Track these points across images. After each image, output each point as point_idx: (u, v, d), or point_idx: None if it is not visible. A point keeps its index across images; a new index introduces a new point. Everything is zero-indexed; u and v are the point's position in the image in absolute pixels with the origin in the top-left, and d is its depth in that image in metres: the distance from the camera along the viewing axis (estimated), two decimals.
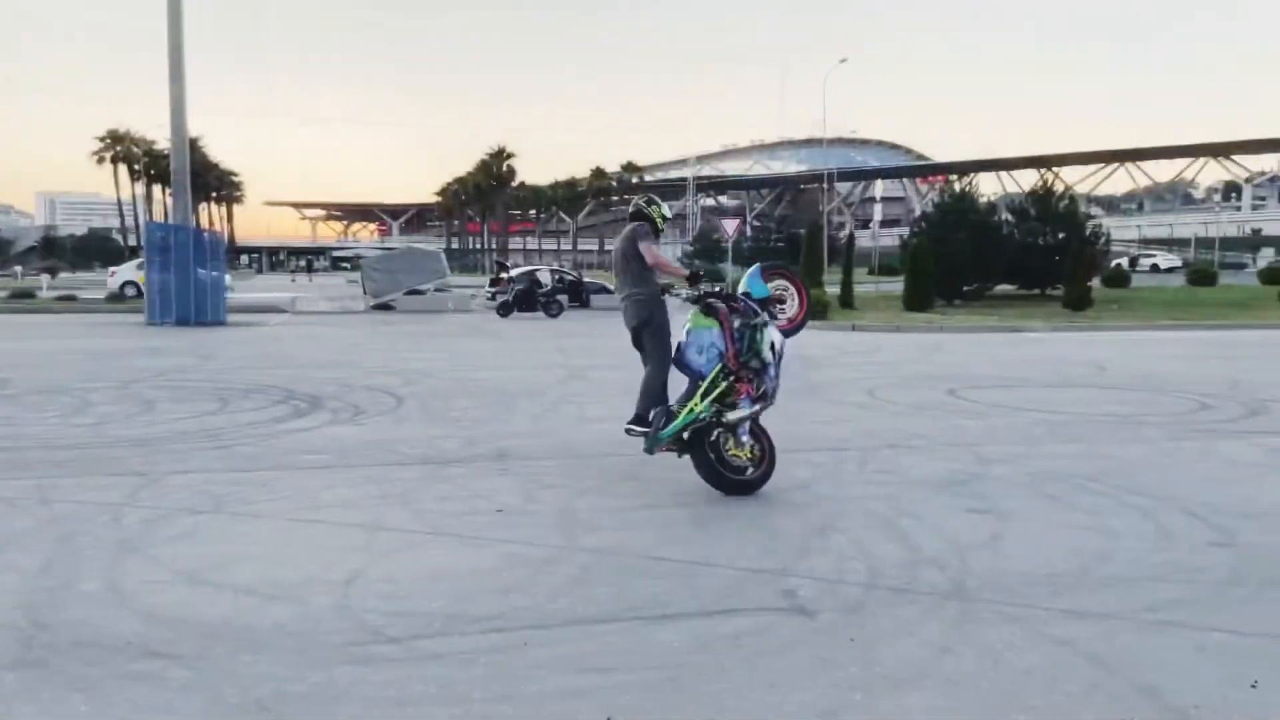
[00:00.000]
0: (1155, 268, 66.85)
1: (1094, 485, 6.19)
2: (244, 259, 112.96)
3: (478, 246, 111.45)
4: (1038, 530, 5.14)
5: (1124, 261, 59.68)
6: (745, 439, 6.08)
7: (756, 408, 6.05)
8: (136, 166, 79.33)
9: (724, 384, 6.02)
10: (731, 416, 5.98)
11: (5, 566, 4.43)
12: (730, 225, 31.31)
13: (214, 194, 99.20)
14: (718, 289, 6.39)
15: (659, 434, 6.01)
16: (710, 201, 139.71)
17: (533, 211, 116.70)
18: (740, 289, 6.40)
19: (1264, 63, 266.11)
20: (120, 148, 79.60)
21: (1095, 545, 4.86)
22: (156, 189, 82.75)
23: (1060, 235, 30.70)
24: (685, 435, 6.00)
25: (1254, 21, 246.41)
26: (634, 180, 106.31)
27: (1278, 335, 19.85)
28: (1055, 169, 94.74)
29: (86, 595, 4.05)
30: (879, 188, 46.95)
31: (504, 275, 31.23)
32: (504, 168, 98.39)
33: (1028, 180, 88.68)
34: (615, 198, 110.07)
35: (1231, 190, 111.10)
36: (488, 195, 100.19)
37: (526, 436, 7.93)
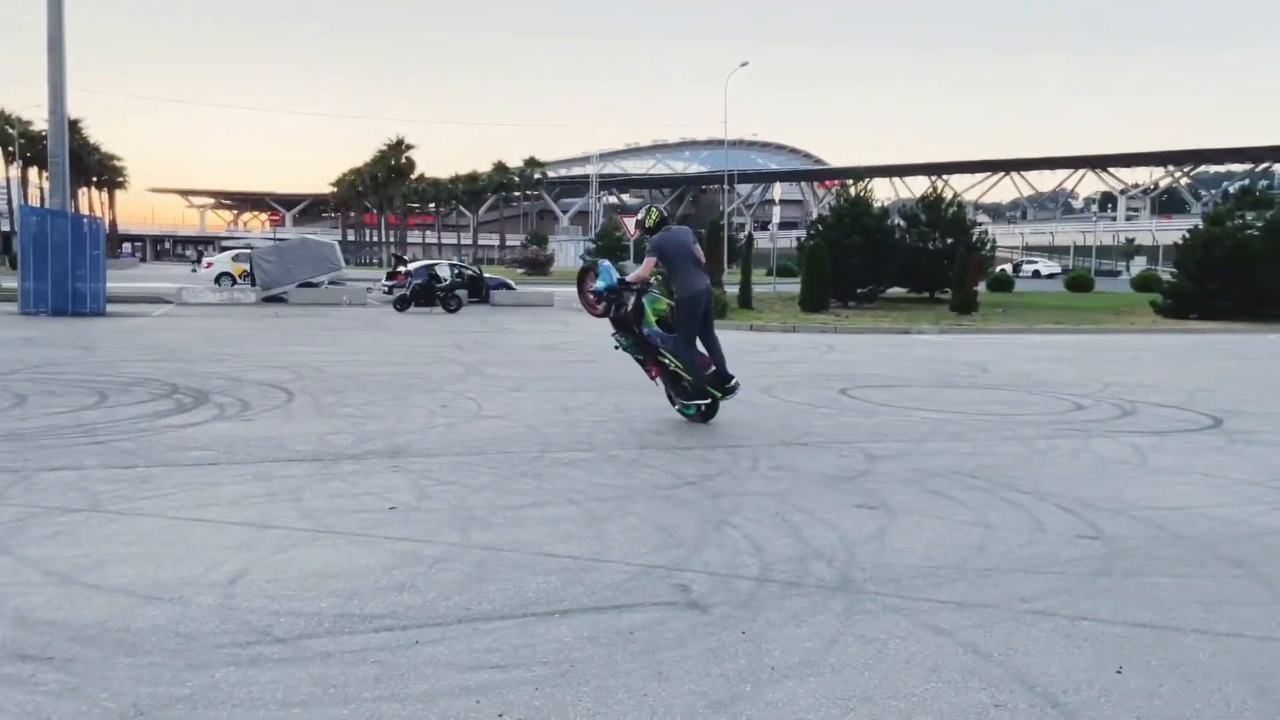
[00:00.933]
0: (1037, 274, 69.91)
1: (974, 481, 6.43)
2: (126, 247, 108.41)
3: (375, 239, 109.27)
4: (921, 524, 5.32)
5: (1008, 267, 62.16)
6: None
7: None
8: (11, 148, 75.12)
9: None
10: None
11: None
12: (632, 223, 31.43)
13: (95, 179, 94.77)
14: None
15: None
16: (613, 199, 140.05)
17: (432, 205, 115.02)
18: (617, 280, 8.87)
19: (1138, 80, 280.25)
20: None
21: (975, 539, 5.06)
22: (33, 172, 78.64)
23: (949, 241, 31.82)
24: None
25: (1126, 42, 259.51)
26: (536, 176, 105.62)
27: (1149, 339, 20.96)
28: (945, 176, 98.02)
29: None
30: (778, 190, 47.66)
31: (401, 269, 30.75)
32: (403, 159, 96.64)
33: (919, 186, 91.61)
34: (517, 193, 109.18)
35: (1108, 201, 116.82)
36: (385, 187, 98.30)
37: (421, 433, 7.82)
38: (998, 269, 47.40)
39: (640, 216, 8.74)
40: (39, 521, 4.96)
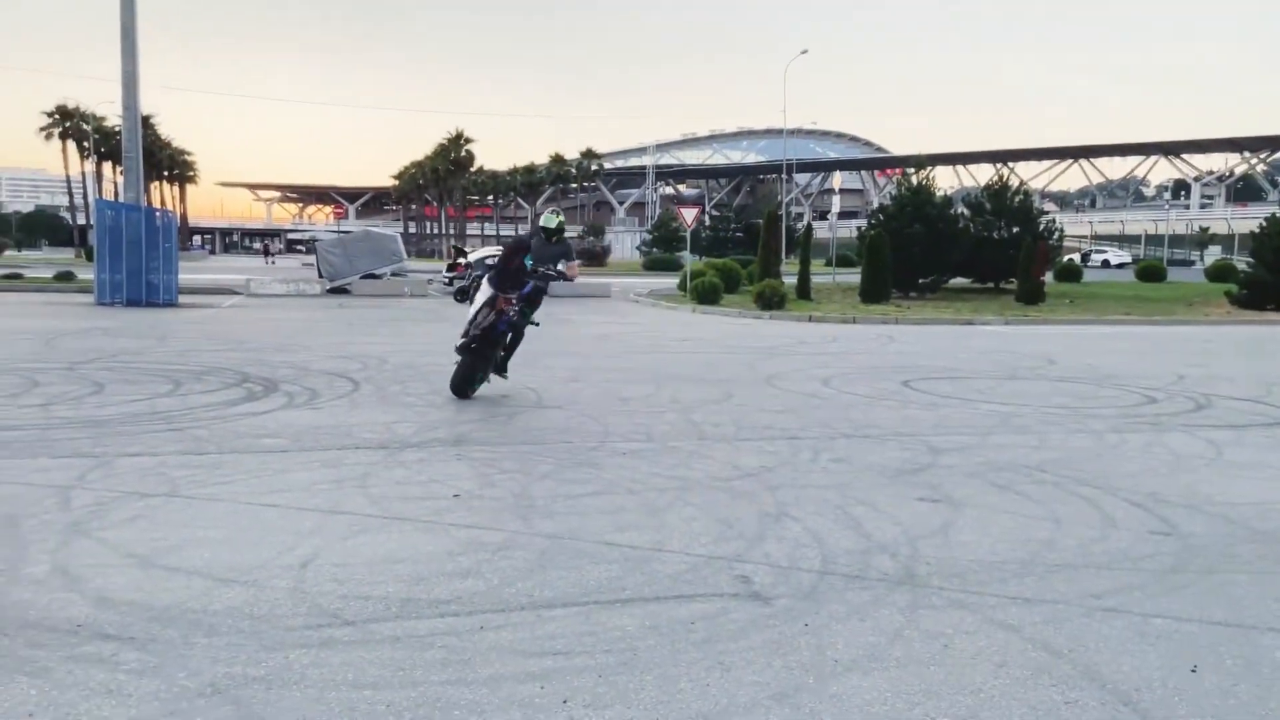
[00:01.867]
0: (1106, 263, 68.23)
1: (1042, 475, 6.32)
2: (196, 239, 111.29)
3: (435, 231, 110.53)
4: (987, 518, 5.25)
5: (1076, 257, 60.78)
6: None
7: None
8: (86, 144, 77.42)
9: None
10: None
11: None
12: (689, 214, 31.33)
13: (166, 173, 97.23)
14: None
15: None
16: (669, 190, 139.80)
17: (491, 197, 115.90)
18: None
19: (1215, 64, 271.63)
20: (69, 124, 77.69)
21: (1043, 533, 4.98)
22: (107, 167, 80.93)
23: (1015, 230, 31.19)
24: None
25: (1205, 25, 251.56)
26: (593, 167, 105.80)
27: (1224, 331, 20.36)
28: (1011, 164, 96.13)
29: (34, 578, 3.99)
30: (837, 179, 47.28)
31: (461, 261, 31.07)
32: (462, 152, 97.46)
33: (984, 175, 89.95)
34: (574, 185, 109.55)
35: (1181, 189, 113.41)
36: (446, 180, 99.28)
37: (482, 422, 7.91)
38: (1065, 258, 46.41)
39: (560, 220, 9.54)
40: (118, 505, 5.12)
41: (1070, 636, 3.61)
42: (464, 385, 9.01)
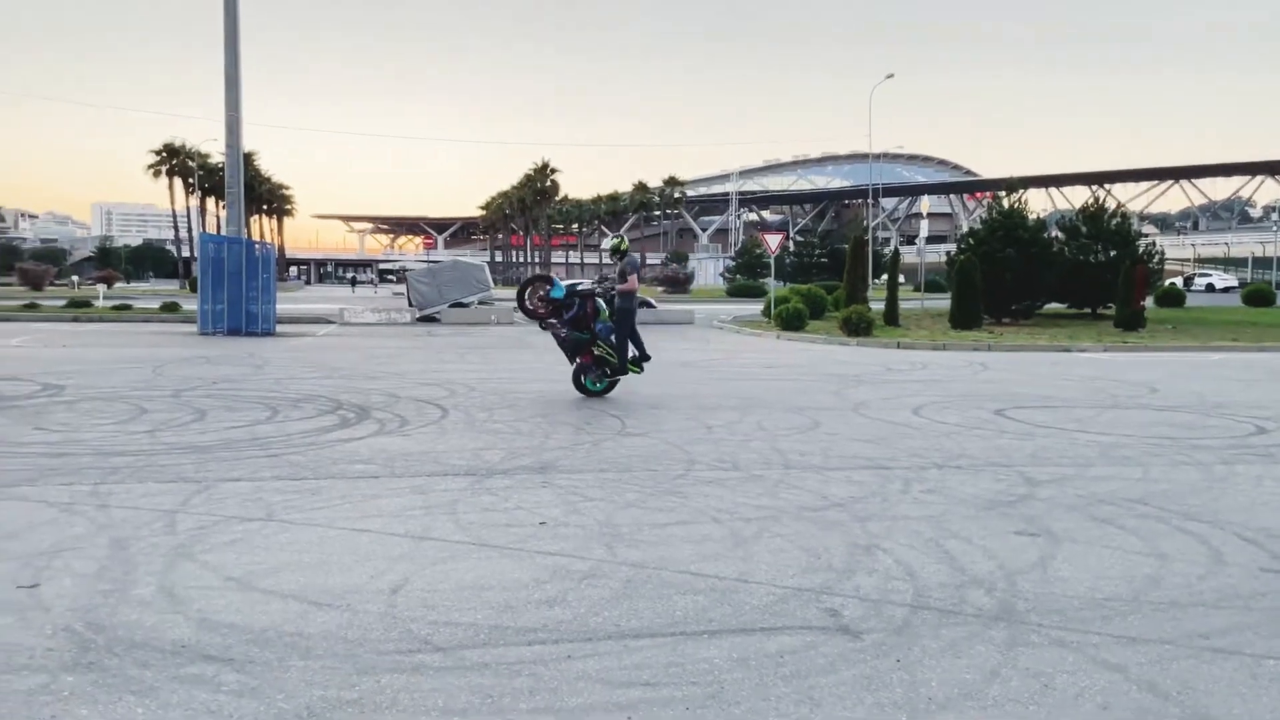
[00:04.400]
0: (1211, 287, 65.58)
1: (1145, 508, 6.08)
2: (293, 270, 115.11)
3: (521, 260, 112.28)
4: (1088, 553, 5.06)
5: (1178, 280, 58.61)
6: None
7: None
8: (191, 179, 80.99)
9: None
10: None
11: (61, 570, 4.54)
12: (773, 240, 31.21)
13: (265, 206, 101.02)
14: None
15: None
16: (753, 216, 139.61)
17: (575, 225, 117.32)
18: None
19: None
20: (175, 161, 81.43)
21: (1147, 570, 4.78)
22: (210, 201, 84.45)
23: (1112, 253, 30.21)
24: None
25: None
26: (676, 195, 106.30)
27: None
28: (1107, 186, 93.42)
29: (141, 600, 4.14)
30: (925, 203, 46.42)
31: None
32: (548, 182, 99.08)
33: (1078, 197, 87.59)
34: (657, 212, 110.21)
35: None
36: (531, 209, 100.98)
37: (568, 450, 7.96)
38: (1167, 282, 44.78)
39: (616, 243, 12.25)
40: (219, 529, 5.29)
41: (1178, 678, 3.45)
42: (577, 385, 11.76)
